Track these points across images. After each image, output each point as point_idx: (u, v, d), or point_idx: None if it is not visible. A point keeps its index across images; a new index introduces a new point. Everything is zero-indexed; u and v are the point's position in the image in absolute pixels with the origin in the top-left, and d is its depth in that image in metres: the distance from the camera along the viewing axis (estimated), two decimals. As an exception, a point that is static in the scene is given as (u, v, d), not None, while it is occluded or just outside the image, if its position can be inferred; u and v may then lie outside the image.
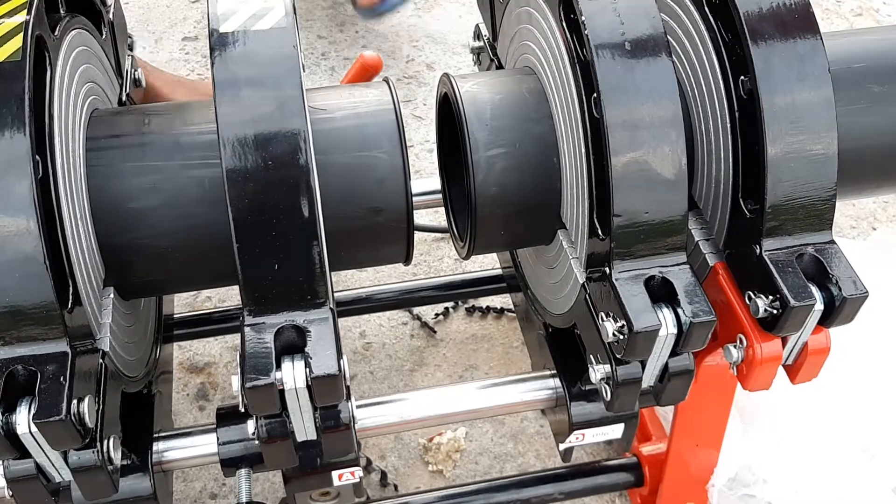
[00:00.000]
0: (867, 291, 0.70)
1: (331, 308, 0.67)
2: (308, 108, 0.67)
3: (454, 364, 1.39)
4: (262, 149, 0.65)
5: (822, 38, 0.71)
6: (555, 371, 0.91)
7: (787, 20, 0.72)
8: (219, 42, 0.68)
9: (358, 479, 0.87)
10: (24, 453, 0.63)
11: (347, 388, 0.68)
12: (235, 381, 0.64)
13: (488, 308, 1.46)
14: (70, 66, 0.74)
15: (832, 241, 0.73)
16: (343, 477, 0.86)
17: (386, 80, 0.83)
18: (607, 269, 0.70)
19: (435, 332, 1.43)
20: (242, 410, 0.66)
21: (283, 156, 0.65)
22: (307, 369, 0.64)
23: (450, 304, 1.47)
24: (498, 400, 0.91)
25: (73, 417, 0.60)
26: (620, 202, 0.68)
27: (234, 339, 1.41)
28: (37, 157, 0.62)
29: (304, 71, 0.78)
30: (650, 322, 0.67)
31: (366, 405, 0.87)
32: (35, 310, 0.62)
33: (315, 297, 0.67)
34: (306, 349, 0.65)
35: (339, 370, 0.64)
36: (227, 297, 1.48)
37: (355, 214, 0.77)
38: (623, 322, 0.68)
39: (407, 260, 0.85)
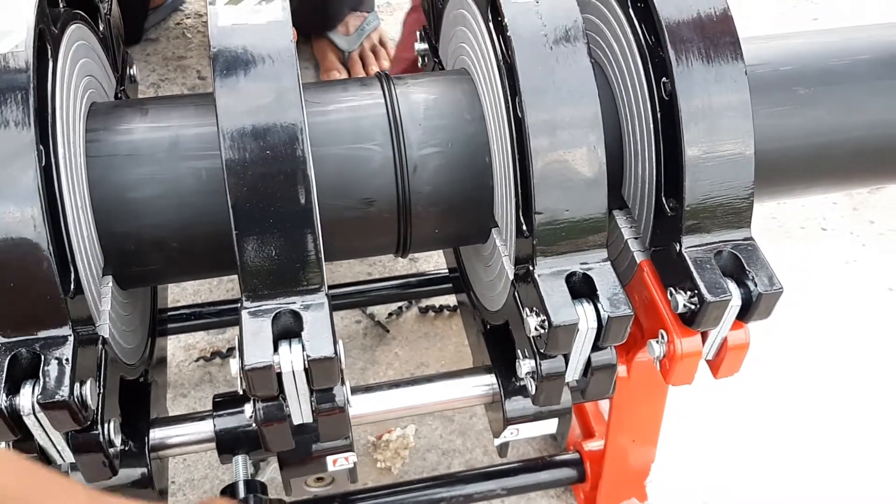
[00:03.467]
0: (782, 287, 0.72)
1: (326, 294, 0.70)
2: (304, 100, 0.69)
3: (406, 362, 1.40)
4: (261, 139, 0.67)
5: (739, 42, 0.74)
6: (491, 367, 0.92)
7: (706, 24, 0.74)
8: (218, 36, 0.70)
9: (352, 465, 0.90)
10: (26, 435, 0.65)
11: (342, 372, 0.70)
12: (234, 365, 0.67)
13: (441, 307, 1.48)
14: (70, 59, 0.76)
15: (750, 239, 0.75)
16: (338, 462, 0.89)
17: (378, 75, 0.85)
18: (531, 266, 0.72)
19: (388, 330, 1.45)
20: (241, 393, 0.69)
21: (281, 145, 0.67)
22: (304, 352, 0.66)
23: (403, 304, 1.48)
24: (435, 397, 0.92)
25: (75, 399, 0.63)
26: (542, 200, 0.70)
27: (187, 338, 1.42)
28: (40, 146, 0.64)
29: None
30: (569, 317, 0.68)
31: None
32: (39, 295, 0.64)
33: (311, 284, 0.69)
34: (303, 333, 0.67)
35: (335, 353, 0.66)
36: (182, 296, 1.49)
37: (349, 205, 0.80)
38: (544, 317, 0.69)
39: (399, 252, 0.86)
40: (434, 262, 1.55)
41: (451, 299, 1.47)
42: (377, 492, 1.12)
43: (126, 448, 0.83)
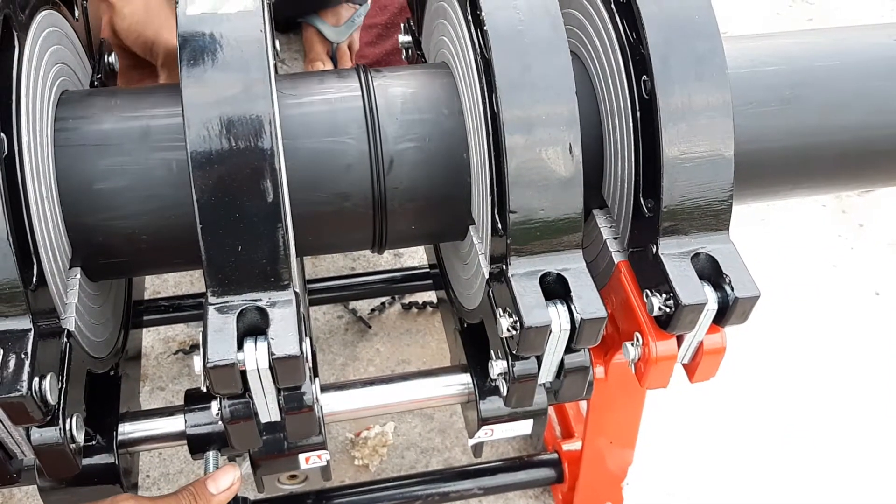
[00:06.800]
0: (759, 292, 0.71)
1: (295, 291, 0.68)
2: (276, 92, 0.67)
3: (387, 359, 1.39)
4: (227, 131, 0.65)
5: (721, 41, 0.72)
6: (467, 366, 0.91)
7: (688, 21, 0.72)
8: (186, 25, 0.68)
9: (325, 462, 0.89)
10: None
11: (315, 368, 0.67)
12: (197, 362, 0.65)
13: (425, 303, 1.46)
14: (40, 46, 0.74)
15: (729, 242, 0.73)
16: (310, 460, 0.88)
17: (357, 68, 0.83)
18: (505, 266, 0.71)
19: (370, 326, 1.43)
20: (204, 391, 0.67)
21: (248, 138, 0.65)
22: (269, 350, 0.64)
23: (386, 299, 1.47)
24: (410, 395, 0.91)
25: (34, 394, 0.61)
26: (516, 199, 0.69)
27: (167, 330, 1.40)
28: (2, 134, 0.62)
29: (278, 58, 0.77)
30: (541, 318, 0.67)
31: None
32: None
33: (279, 280, 0.67)
34: (268, 330, 0.65)
35: (301, 352, 0.64)
36: (163, 288, 1.47)
37: (323, 199, 0.78)
38: (516, 318, 0.68)
39: (375, 248, 0.85)
40: (419, 257, 1.54)
41: (434, 295, 1.46)
42: (353, 489, 1.11)
43: (94, 443, 0.82)
